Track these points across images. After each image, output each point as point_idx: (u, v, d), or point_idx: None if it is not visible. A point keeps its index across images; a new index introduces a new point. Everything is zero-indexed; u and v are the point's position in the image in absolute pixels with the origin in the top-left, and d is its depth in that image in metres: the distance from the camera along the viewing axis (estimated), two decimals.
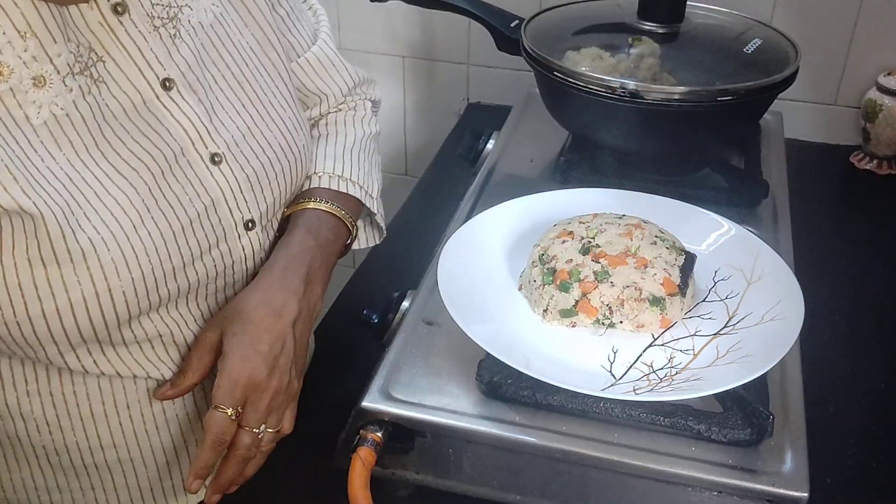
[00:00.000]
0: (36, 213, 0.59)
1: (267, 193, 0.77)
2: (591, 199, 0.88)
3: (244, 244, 0.75)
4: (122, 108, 0.66)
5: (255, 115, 0.76)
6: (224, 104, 0.74)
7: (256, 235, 0.76)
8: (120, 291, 0.64)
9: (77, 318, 0.63)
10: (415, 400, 0.71)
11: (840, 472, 0.77)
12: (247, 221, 0.75)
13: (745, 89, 0.94)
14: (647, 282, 0.73)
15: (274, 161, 0.77)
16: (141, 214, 0.66)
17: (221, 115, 0.73)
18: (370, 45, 1.50)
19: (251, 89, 0.76)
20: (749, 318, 0.74)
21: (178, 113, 0.69)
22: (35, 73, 0.61)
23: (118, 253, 0.64)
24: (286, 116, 0.79)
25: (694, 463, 0.66)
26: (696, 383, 0.66)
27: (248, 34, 0.77)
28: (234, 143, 0.73)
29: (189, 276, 0.70)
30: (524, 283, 0.79)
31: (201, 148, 0.71)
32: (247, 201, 0.74)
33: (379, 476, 0.72)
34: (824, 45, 1.27)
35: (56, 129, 0.62)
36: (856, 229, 1.18)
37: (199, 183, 0.70)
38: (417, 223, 1.16)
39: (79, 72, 0.64)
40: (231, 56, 0.75)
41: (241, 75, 0.76)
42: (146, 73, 0.67)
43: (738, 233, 0.84)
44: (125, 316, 0.66)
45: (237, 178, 0.73)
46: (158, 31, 0.69)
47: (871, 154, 1.27)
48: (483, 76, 1.46)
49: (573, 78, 0.95)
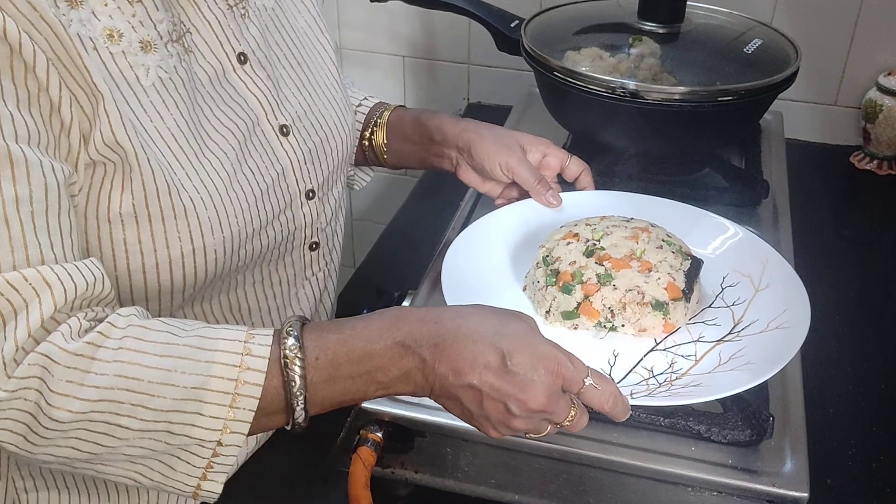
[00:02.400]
0: (147, 169, 0.63)
1: (325, 166, 0.81)
2: (600, 201, 0.88)
3: (305, 212, 0.80)
4: (209, 78, 0.71)
5: (312, 93, 0.81)
6: (287, 81, 0.79)
7: (315, 205, 0.81)
8: (212, 249, 0.69)
9: (173, 275, 0.67)
10: (415, 400, 0.71)
11: (840, 472, 0.77)
12: (308, 191, 0.79)
13: (745, 89, 0.94)
14: (650, 286, 0.73)
15: (330, 137, 0.82)
16: (231, 177, 0.70)
17: (286, 91, 0.78)
18: (370, 45, 1.50)
19: (308, 69, 0.82)
20: (754, 325, 0.73)
21: (252, 85, 0.74)
22: (142, 37, 0.65)
23: (214, 212, 0.68)
24: (338, 97, 0.85)
25: (694, 463, 0.66)
26: (695, 389, 0.66)
27: (301, 19, 0.83)
28: (298, 118, 0.78)
29: (262, 240, 0.74)
30: (528, 284, 0.79)
31: (273, 119, 0.76)
32: (309, 172, 0.79)
33: (379, 476, 0.72)
34: (824, 45, 1.27)
35: (163, 92, 0.66)
36: (856, 229, 1.18)
37: (272, 151, 0.75)
38: (417, 223, 1.16)
39: (176, 39, 0.68)
40: (290, 37, 0.81)
41: (300, 55, 0.81)
42: (225, 47, 0.73)
43: (747, 238, 0.84)
44: (213, 274, 0.70)
45: (301, 150, 0.78)
46: (232, 9, 0.74)
47: (871, 154, 1.27)
48: (483, 76, 1.46)
49: (573, 78, 0.95)
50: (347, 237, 1.66)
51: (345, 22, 1.49)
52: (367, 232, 1.51)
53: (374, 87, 1.52)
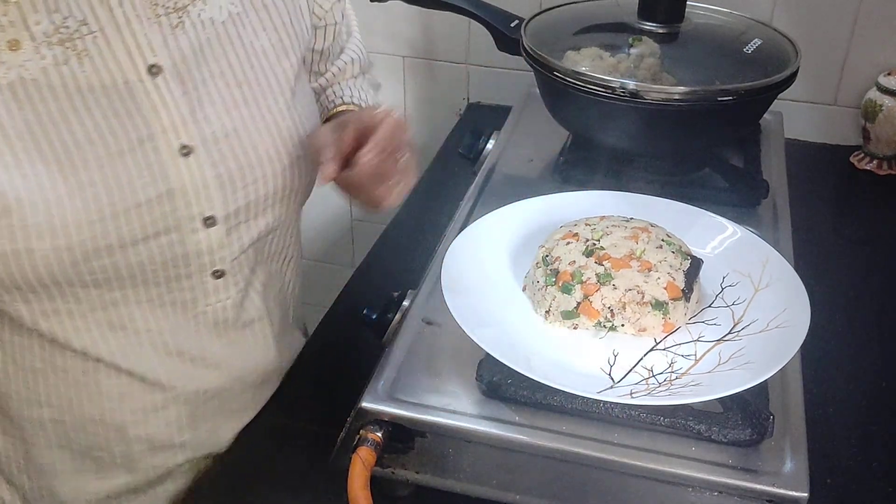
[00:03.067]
0: None
1: (240, 195, 0.76)
2: (600, 201, 0.88)
3: (201, 239, 0.75)
4: (101, 84, 0.68)
5: (247, 115, 0.76)
6: (216, 99, 0.74)
7: (216, 233, 0.75)
8: (44, 255, 0.67)
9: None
10: (415, 400, 0.71)
11: (840, 472, 0.77)
12: (207, 217, 0.74)
13: (745, 89, 0.94)
14: (650, 285, 0.73)
15: (257, 165, 0.76)
16: (83, 187, 0.67)
17: (209, 110, 0.73)
18: (370, 45, 1.49)
19: (250, 91, 0.76)
20: (754, 325, 0.73)
21: (157, 99, 0.70)
22: (11, 36, 0.64)
23: (47, 217, 0.66)
24: (284, 124, 0.78)
25: (694, 463, 0.66)
26: (695, 388, 0.66)
27: (264, 37, 0.78)
28: (213, 140, 0.73)
29: (132, 257, 0.71)
30: (528, 283, 0.79)
31: (173, 137, 0.71)
32: (212, 198, 0.74)
33: (379, 476, 0.72)
34: (824, 45, 1.27)
35: (19, 91, 0.65)
36: (856, 229, 1.18)
37: (160, 169, 0.71)
38: (417, 223, 1.16)
39: (57, 42, 0.66)
40: (238, 55, 0.76)
41: (244, 75, 0.76)
42: (134, 56, 0.69)
43: (747, 238, 0.84)
44: (55, 280, 0.69)
45: (206, 174, 0.73)
46: (160, 18, 0.70)
47: (871, 154, 1.27)
48: (483, 76, 1.46)
49: (573, 78, 0.95)
50: (347, 237, 1.66)
51: None
52: (367, 232, 1.51)
53: None
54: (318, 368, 0.92)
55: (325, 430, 0.74)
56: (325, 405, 0.80)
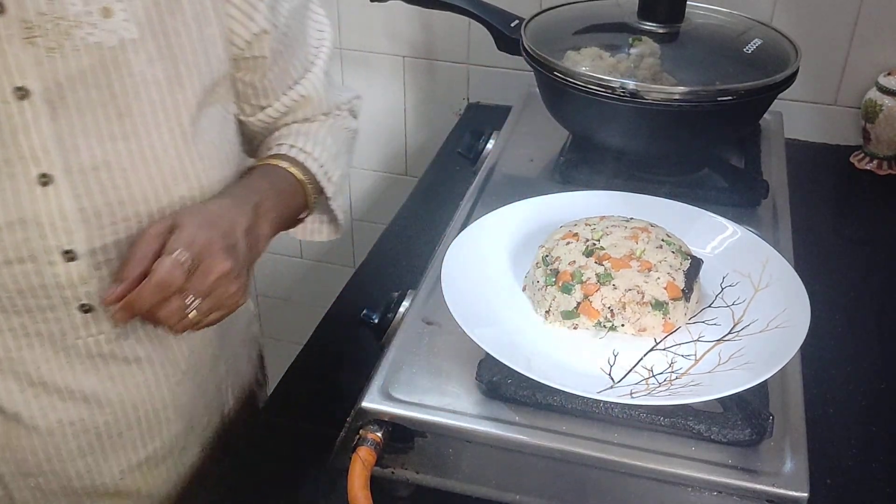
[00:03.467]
0: None
1: (108, 231, 0.72)
2: (600, 201, 0.88)
3: (60, 272, 0.72)
4: None
5: (123, 149, 0.71)
6: (90, 129, 0.70)
7: (78, 268, 0.72)
8: None
9: None
10: (415, 400, 0.71)
11: (840, 472, 0.77)
12: (66, 251, 0.71)
13: (745, 89, 0.94)
14: (650, 285, 0.73)
15: (129, 202, 0.72)
16: None
17: (80, 139, 0.69)
18: (370, 45, 1.50)
19: (132, 122, 0.72)
20: (754, 325, 0.73)
21: (19, 123, 0.67)
22: None
23: None
24: (169, 162, 0.74)
25: (694, 463, 0.66)
26: (695, 388, 0.66)
27: (158, 67, 0.72)
28: (79, 171, 0.70)
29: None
30: (528, 283, 0.79)
31: (32, 164, 0.68)
32: (72, 231, 0.71)
33: (379, 476, 0.72)
34: (824, 45, 1.27)
35: None
36: (856, 229, 1.18)
37: (13, 197, 0.68)
38: (417, 223, 1.16)
39: None
40: (123, 84, 0.71)
41: (127, 106, 0.71)
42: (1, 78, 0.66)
43: (746, 238, 0.84)
44: None
45: (64, 206, 0.70)
46: (35, 39, 0.66)
47: (871, 154, 1.27)
48: (483, 76, 1.46)
49: (573, 78, 0.95)
50: (347, 237, 1.66)
51: (345, 22, 1.49)
52: (367, 232, 1.51)
53: (373, 88, 1.52)
54: (318, 368, 0.92)
55: (325, 430, 0.74)
56: (325, 405, 0.80)
